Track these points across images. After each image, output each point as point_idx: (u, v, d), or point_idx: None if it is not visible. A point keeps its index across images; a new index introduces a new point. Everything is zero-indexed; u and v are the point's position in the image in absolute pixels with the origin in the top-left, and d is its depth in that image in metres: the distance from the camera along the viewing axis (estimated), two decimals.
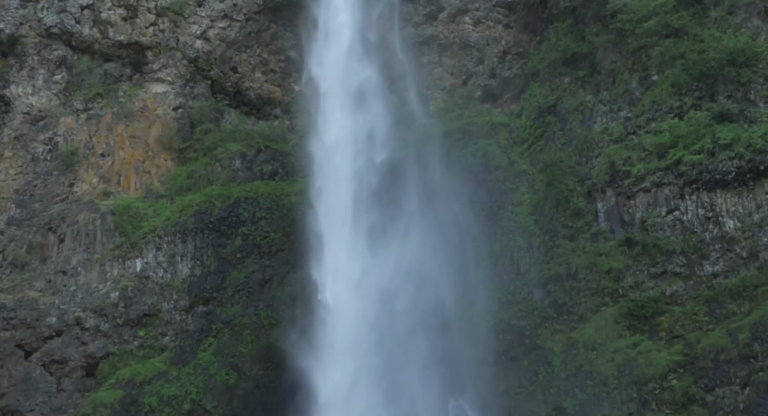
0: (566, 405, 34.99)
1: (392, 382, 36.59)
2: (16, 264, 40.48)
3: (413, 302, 38.33)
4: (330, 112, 43.55)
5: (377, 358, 37.08)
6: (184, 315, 40.36)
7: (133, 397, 37.14)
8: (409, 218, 40.43)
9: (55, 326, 38.68)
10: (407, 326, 37.82)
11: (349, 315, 37.66)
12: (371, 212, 40.68)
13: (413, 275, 38.96)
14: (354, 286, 38.85)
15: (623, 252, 36.95)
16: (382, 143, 42.58)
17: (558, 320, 37.69)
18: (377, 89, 44.43)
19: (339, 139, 42.53)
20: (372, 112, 43.35)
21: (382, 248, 39.71)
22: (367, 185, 41.56)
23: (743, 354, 31.75)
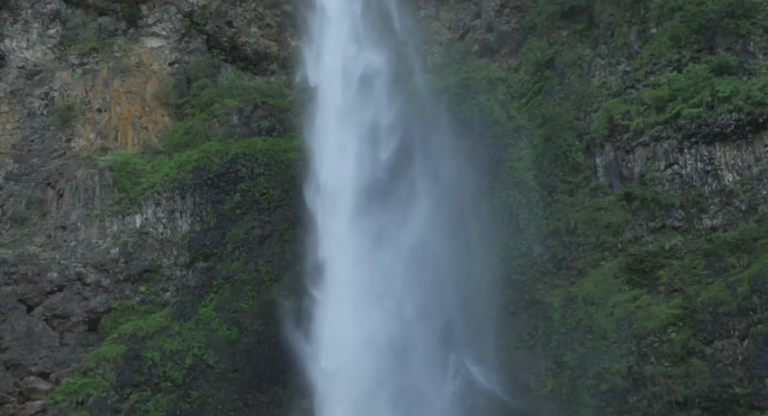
0: (566, 358, 35.30)
1: (391, 336, 36.79)
2: (16, 219, 40.41)
3: (411, 257, 38.42)
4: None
5: (375, 311, 37.25)
6: (185, 270, 40.41)
7: (135, 352, 37.35)
8: (408, 175, 40.36)
9: (56, 281, 38.74)
10: (405, 281, 37.97)
11: (347, 269, 37.73)
12: (370, 170, 40.60)
13: (411, 231, 39.01)
14: (351, 242, 38.87)
15: (622, 207, 37.05)
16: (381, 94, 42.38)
17: (557, 275, 37.87)
18: (376, 40, 44.06)
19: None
20: (373, 66, 43.06)
21: (381, 205, 39.70)
22: (367, 144, 41.41)
23: (742, 306, 32.04)
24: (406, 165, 40.53)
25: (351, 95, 42.27)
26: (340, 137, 41.03)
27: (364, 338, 36.35)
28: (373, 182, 39.87)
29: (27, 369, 36.64)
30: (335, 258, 38.15)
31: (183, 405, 36.37)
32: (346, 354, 36.38)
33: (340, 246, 38.28)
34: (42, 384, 36.60)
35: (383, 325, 36.89)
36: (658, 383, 32.81)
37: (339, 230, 39.12)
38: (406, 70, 45.21)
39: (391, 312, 37.09)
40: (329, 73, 43.26)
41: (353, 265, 37.83)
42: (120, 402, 36.20)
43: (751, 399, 30.71)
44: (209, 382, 37.21)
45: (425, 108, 42.08)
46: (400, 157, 40.71)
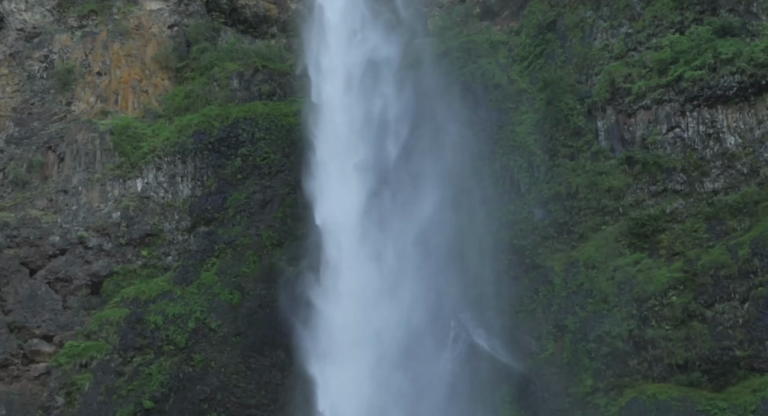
0: (566, 322, 35.42)
1: (393, 300, 36.93)
2: (17, 183, 40.41)
3: (412, 222, 38.44)
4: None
5: (376, 275, 37.35)
6: (186, 235, 40.48)
7: (138, 315, 37.53)
8: (408, 139, 40.23)
9: (58, 244, 38.84)
10: (406, 244, 38.02)
11: (346, 233, 37.76)
12: (370, 133, 40.45)
13: (412, 195, 38.99)
14: (351, 207, 38.85)
15: (623, 171, 36.99)
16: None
17: (558, 239, 37.88)
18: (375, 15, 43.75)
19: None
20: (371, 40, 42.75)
21: (382, 171, 39.64)
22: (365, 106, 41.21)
23: (743, 269, 32.13)
24: (406, 132, 40.39)
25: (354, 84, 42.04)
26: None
27: (366, 302, 36.47)
28: (371, 150, 39.75)
29: (30, 332, 36.86)
30: (337, 217, 38.11)
31: (186, 368, 36.59)
32: (348, 318, 36.55)
33: (342, 203, 38.25)
34: (45, 346, 36.84)
35: (385, 289, 37.03)
36: (658, 346, 32.98)
37: (341, 187, 39.07)
38: (408, 36, 44.90)
39: (393, 275, 37.19)
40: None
41: (354, 226, 37.85)
42: (123, 364, 36.45)
43: (751, 361, 30.91)
44: (212, 346, 37.42)
45: (426, 72, 41.85)
46: (399, 122, 40.55)
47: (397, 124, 40.33)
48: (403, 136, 40.43)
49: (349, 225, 37.86)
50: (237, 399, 36.35)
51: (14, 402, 35.02)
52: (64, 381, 35.70)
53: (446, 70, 42.27)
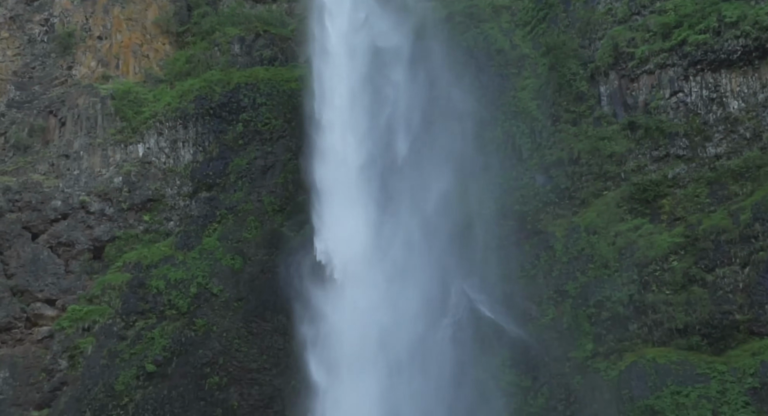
0: (567, 287, 35.50)
1: (395, 263, 37.00)
2: (19, 147, 40.43)
3: (413, 187, 38.39)
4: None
5: (378, 238, 37.38)
6: (188, 200, 40.51)
7: (140, 280, 37.67)
8: (409, 104, 40.04)
9: (60, 209, 38.91)
10: (407, 208, 38.00)
11: (347, 196, 37.73)
12: (371, 96, 40.22)
13: (413, 161, 38.88)
14: (353, 168, 38.74)
15: (626, 136, 36.87)
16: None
17: (560, 205, 37.85)
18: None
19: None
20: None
21: (383, 135, 39.48)
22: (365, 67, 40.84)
23: (744, 234, 32.11)
24: (407, 96, 40.17)
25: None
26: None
27: (368, 263, 36.55)
28: (372, 113, 39.55)
29: (33, 296, 37.03)
30: (338, 178, 38.06)
31: (188, 333, 36.76)
32: (350, 280, 36.65)
33: (343, 165, 38.19)
34: (48, 310, 37.05)
35: (386, 253, 37.09)
36: (658, 310, 33.08)
37: (343, 150, 38.95)
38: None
39: (395, 239, 37.23)
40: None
41: (356, 187, 37.83)
42: (126, 329, 36.65)
43: (751, 325, 31.00)
44: (213, 310, 37.57)
45: (428, 37, 41.53)
46: (400, 86, 40.30)
47: (396, 89, 40.05)
48: (404, 103, 40.20)
49: (350, 189, 37.78)
50: (239, 363, 36.55)
51: (17, 364, 35.29)
52: (67, 345, 35.94)
53: (449, 35, 41.94)
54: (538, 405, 33.40)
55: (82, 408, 34.42)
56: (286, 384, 36.27)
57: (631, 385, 31.78)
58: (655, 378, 31.40)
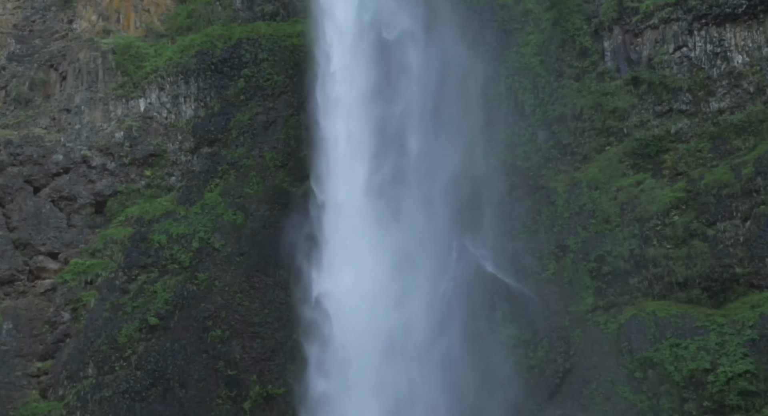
0: (568, 242, 35.57)
1: (397, 218, 37.07)
2: (20, 101, 40.39)
3: (414, 141, 38.31)
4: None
5: (377, 202, 37.40)
6: (190, 156, 40.49)
7: (142, 234, 37.79)
8: (411, 59, 39.80)
9: (62, 163, 38.94)
10: (409, 163, 37.95)
11: (349, 146, 37.70)
12: (372, 49, 39.96)
13: (415, 117, 38.77)
14: (355, 120, 38.65)
15: (629, 91, 36.72)
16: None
17: (562, 160, 37.78)
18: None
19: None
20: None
21: (387, 89, 39.31)
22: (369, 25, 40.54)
23: (746, 188, 32.12)
24: (408, 51, 39.92)
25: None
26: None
27: (370, 217, 36.63)
28: (381, 64, 39.32)
29: (36, 249, 37.18)
30: (340, 131, 38.02)
31: (190, 287, 36.96)
32: (351, 235, 36.75)
33: (344, 128, 38.10)
34: (51, 263, 37.21)
35: (387, 208, 37.15)
36: (659, 264, 33.17)
37: (345, 115, 38.85)
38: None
39: (396, 195, 37.27)
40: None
41: (357, 143, 37.80)
42: (128, 282, 36.84)
43: (751, 278, 31.11)
44: (215, 265, 37.74)
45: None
46: (405, 42, 40.05)
47: (399, 45, 39.78)
48: (407, 57, 39.96)
49: (351, 143, 37.74)
50: (241, 317, 36.78)
51: (21, 316, 35.54)
52: (69, 298, 36.18)
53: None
54: (538, 358, 33.67)
55: (86, 360, 34.76)
56: (288, 338, 36.52)
57: (631, 338, 32.01)
58: (655, 330, 31.59)
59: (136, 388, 34.29)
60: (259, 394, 35.51)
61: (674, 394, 30.55)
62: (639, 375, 31.43)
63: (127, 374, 34.60)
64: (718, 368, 29.97)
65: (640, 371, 31.44)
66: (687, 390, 30.35)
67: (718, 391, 29.71)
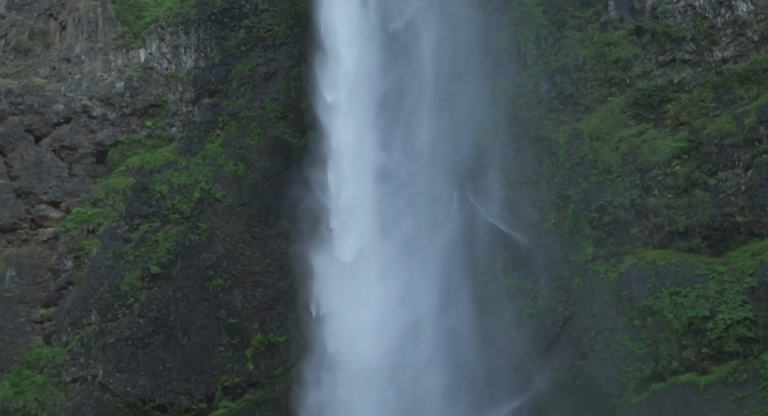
0: (569, 193, 35.56)
1: (398, 171, 37.09)
2: (20, 50, 40.17)
3: (415, 92, 38.18)
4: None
5: (380, 149, 37.36)
6: (190, 106, 40.39)
7: (143, 184, 37.84)
8: (411, 8, 39.50)
9: (62, 113, 38.88)
10: (411, 117, 37.88)
11: (351, 99, 37.61)
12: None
13: (415, 67, 38.58)
14: (358, 78, 38.52)
15: (632, 41, 36.48)
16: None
17: (564, 111, 37.64)
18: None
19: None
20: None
21: (386, 40, 39.09)
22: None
23: (748, 137, 32.05)
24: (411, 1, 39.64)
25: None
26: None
27: (371, 172, 36.66)
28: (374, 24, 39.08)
29: (37, 198, 37.25)
30: (341, 85, 37.90)
31: (192, 236, 37.09)
32: (353, 188, 36.80)
33: (346, 79, 37.98)
34: (53, 212, 37.30)
35: (389, 161, 37.16)
36: (660, 214, 33.21)
37: (345, 68, 38.69)
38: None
39: (396, 148, 37.25)
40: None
41: (358, 98, 37.71)
42: (130, 231, 36.96)
43: (752, 226, 31.16)
44: (217, 215, 37.83)
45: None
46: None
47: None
48: (408, 8, 39.66)
49: (355, 92, 37.66)
50: (242, 267, 36.96)
51: (24, 264, 35.71)
52: (72, 246, 36.33)
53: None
54: (538, 307, 33.86)
55: (89, 307, 35.01)
56: (289, 287, 36.75)
57: (631, 286, 32.15)
58: (655, 279, 31.72)
59: (139, 335, 34.63)
60: (260, 342, 35.82)
61: (673, 341, 30.77)
62: (638, 322, 31.63)
63: (130, 321, 34.90)
64: (717, 315, 30.15)
65: (640, 319, 31.65)
66: (686, 337, 30.55)
67: (716, 338, 29.92)
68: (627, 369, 31.24)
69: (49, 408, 32.66)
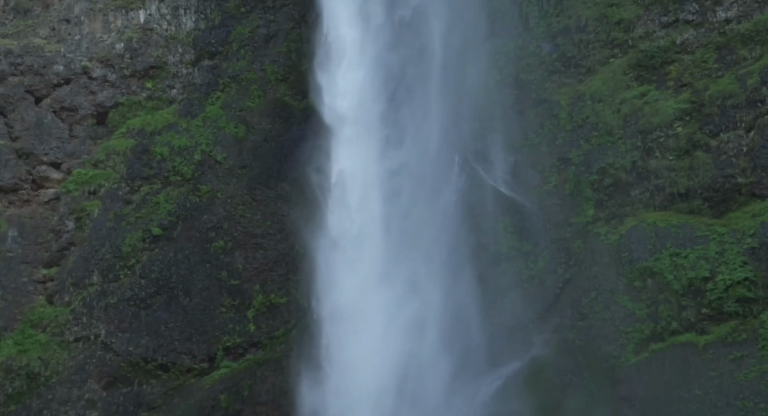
0: (570, 155, 35.49)
1: (399, 137, 37.04)
2: (19, 10, 39.90)
3: (416, 52, 37.96)
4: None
5: (380, 116, 37.28)
6: (190, 68, 40.23)
7: (144, 146, 37.78)
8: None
9: (62, 74, 38.73)
10: (411, 74, 37.72)
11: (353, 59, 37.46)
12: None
13: (418, 30, 38.36)
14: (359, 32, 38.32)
15: (635, 2, 36.17)
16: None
17: (566, 73, 37.44)
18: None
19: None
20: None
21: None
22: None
23: (751, 98, 31.88)
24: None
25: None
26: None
27: (373, 131, 36.63)
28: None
29: (38, 159, 37.20)
30: (342, 38, 37.70)
31: (192, 198, 37.12)
32: (353, 150, 36.77)
33: (347, 29, 37.80)
34: (54, 173, 37.27)
35: (390, 121, 37.08)
36: (661, 176, 33.16)
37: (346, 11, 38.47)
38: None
39: (397, 106, 37.16)
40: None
41: (360, 49, 37.52)
42: (131, 193, 36.96)
43: (753, 187, 31.11)
44: (218, 177, 37.83)
45: None
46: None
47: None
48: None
49: (354, 48, 37.50)
50: (243, 229, 37.03)
51: (25, 224, 35.76)
52: (73, 207, 36.36)
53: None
54: (538, 269, 33.93)
55: (90, 268, 35.13)
56: (290, 249, 36.85)
57: (631, 248, 32.16)
58: (655, 240, 31.75)
59: (141, 296, 34.77)
60: (262, 303, 36.01)
61: (673, 302, 30.87)
62: (638, 284, 31.70)
63: (132, 282, 35.03)
64: (717, 276, 30.19)
65: (640, 280, 31.71)
66: (686, 298, 30.63)
67: (716, 299, 30.00)
68: (626, 330, 31.36)
69: (53, 366, 32.92)
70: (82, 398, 32.74)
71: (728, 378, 28.62)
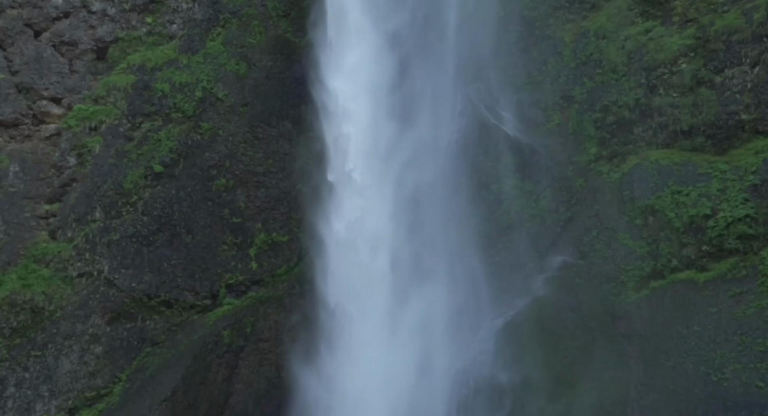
0: (574, 93, 35.30)
1: (400, 80, 36.87)
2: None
3: (418, 20, 37.67)
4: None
5: (379, 61, 37.05)
6: (191, 3, 39.61)
7: (145, 82, 37.43)
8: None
9: (61, 7, 38.09)
10: (412, 35, 37.43)
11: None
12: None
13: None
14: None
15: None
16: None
17: (570, 9, 37.05)
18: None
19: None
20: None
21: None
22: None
23: (756, 33, 31.47)
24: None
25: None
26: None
27: (375, 73, 36.48)
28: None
29: (39, 93, 36.87)
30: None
31: (194, 136, 36.93)
32: (358, 90, 36.65)
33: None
34: (54, 108, 36.97)
35: (393, 61, 36.90)
36: (664, 113, 32.96)
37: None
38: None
39: (400, 44, 36.92)
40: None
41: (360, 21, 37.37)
42: (132, 130, 36.75)
43: (756, 124, 30.91)
44: (219, 115, 37.60)
45: None
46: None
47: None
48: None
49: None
50: (245, 167, 36.94)
51: (27, 160, 35.61)
52: (74, 143, 36.17)
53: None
54: (540, 208, 33.92)
55: (93, 204, 35.10)
56: (292, 188, 36.85)
57: (633, 186, 32.13)
58: (657, 178, 31.68)
59: (143, 233, 34.81)
60: (264, 241, 36.11)
61: (674, 240, 30.90)
62: (640, 222, 31.71)
63: (134, 219, 35.04)
64: (718, 213, 30.19)
65: (641, 218, 31.72)
66: (686, 235, 30.66)
67: (717, 236, 30.02)
68: (627, 268, 31.47)
69: (56, 301, 33.11)
70: (86, 332, 33.00)
71: (727, 314, 28.77)
